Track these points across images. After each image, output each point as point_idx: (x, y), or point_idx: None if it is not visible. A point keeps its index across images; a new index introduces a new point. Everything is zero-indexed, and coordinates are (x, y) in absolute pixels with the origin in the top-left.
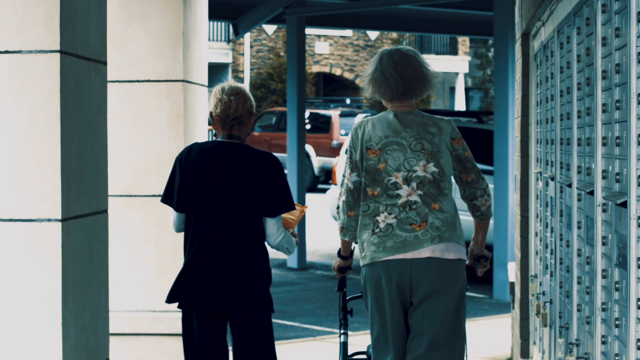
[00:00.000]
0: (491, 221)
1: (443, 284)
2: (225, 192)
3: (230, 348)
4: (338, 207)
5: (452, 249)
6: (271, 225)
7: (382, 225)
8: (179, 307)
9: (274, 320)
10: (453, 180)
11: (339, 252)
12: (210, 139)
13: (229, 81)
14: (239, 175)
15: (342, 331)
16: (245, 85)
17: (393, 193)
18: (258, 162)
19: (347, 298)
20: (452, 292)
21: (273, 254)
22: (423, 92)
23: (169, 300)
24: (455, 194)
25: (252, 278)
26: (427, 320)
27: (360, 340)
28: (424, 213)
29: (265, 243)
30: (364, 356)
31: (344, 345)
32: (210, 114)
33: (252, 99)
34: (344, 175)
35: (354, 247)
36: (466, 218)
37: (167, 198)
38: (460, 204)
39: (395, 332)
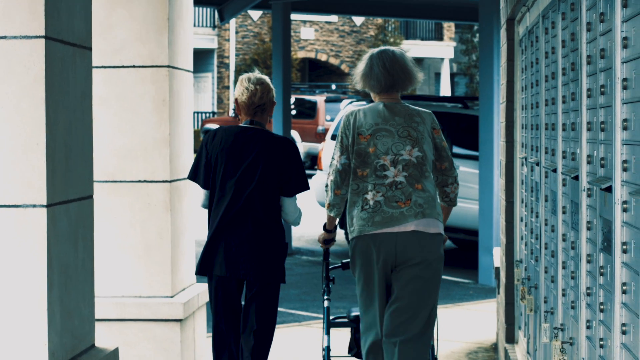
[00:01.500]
0: (476, 206)
1: (425, 255)
2: (245, 172)
3: None
4: (327, 186)
5: (433, 224)
6: (289, 204)
7: (371, 202)
8: (209, 279)
9: None
10: None
11: (324, 226)
12: (196, 124)
13: (255, 72)
14: (259, 157)
15: (325, 297)
16: (265, 77)
17: (381, 174)
18: (277, 146)
19: (329, 267)
20: (433, 262)
21: None
22: (408, 87)
23: (198, 272)
24: None
25: (269, 252)
26: (409, 287)
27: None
28: (408, 192)
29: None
30: (345, 320)
31: (327, 310)
32: (236, 100)
33: (274, 89)
34: (333, 157)
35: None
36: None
37: (194, 176)
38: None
39: (380, 295)
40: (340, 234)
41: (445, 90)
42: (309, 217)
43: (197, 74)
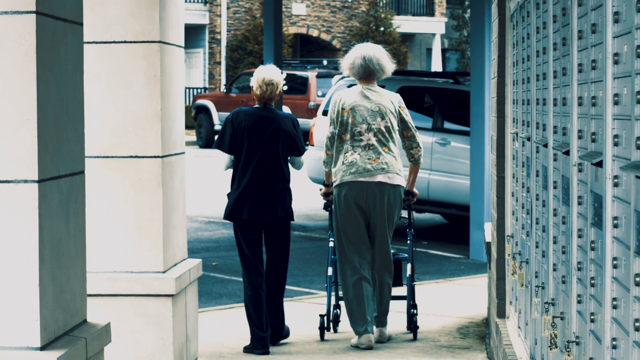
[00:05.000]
0: (468, 182)
1: (388, 199)
2: (268, 140)
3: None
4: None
5: (394, 178)
6: (298, 160)
7: (350, 158)
8: (238, 224)
9: None
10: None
11: (323, 182)
12: (187, 100)
13: (268, 68)
14: (276, 129)
15: (330, 239)
16: (276, 71)
17: (358, 138)
18: (287, 120)
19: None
20: (394, 205)
21: None
22: (382, 77)
23: (227, 217)
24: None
25: (286, 199)
26: (377, 226)
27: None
28: (378, 152)
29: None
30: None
31: (331, 249)
32: (251, 88)
33: (282, 83)
34: (328, 126)
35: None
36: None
37: (219, 145)
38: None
39: (354, 230)
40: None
41: (436, 65)
42: (300, 193)
43: (189, 50)
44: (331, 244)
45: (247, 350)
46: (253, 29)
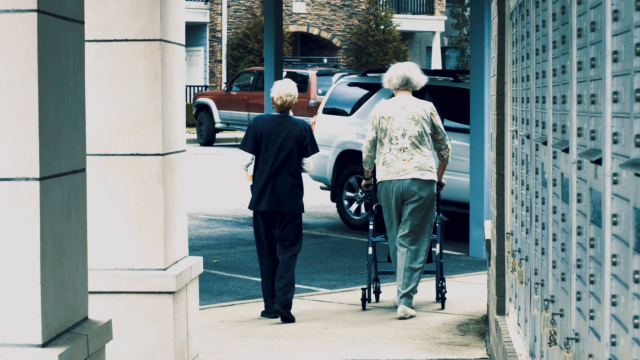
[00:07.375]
0: (467, 179)
1: (421, 192)
2: (283, 142)
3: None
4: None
5: (426, 174)
6: (308, 162)
7: (388, 160)
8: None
9: (252, 279)
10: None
11: (363, 177)
12: (188, 98)
13: (287, 83)
14: (290, 133)
15: (370, 222)
16: (294, 85)
17: (395, 142)
18: (298, 125)
19: (375, 206)
20: (427, 198)
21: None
22: (416, 88)
23: (251, 207)
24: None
25: (298, 192)
26: (412, 213)
27: (343, 298)
28: (412, 154)
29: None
30: (384, 238)
31: (371, 231)
32: (272, 97)
33: (297, 94)
34: (368, 132)
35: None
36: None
37: (243, 146)
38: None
39: (395, 219)
40: (331, 206)
41: (436, 63)
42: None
43: (189, 48)
44: (370, 227)
45: (263, 314)
46: (253, 27)
